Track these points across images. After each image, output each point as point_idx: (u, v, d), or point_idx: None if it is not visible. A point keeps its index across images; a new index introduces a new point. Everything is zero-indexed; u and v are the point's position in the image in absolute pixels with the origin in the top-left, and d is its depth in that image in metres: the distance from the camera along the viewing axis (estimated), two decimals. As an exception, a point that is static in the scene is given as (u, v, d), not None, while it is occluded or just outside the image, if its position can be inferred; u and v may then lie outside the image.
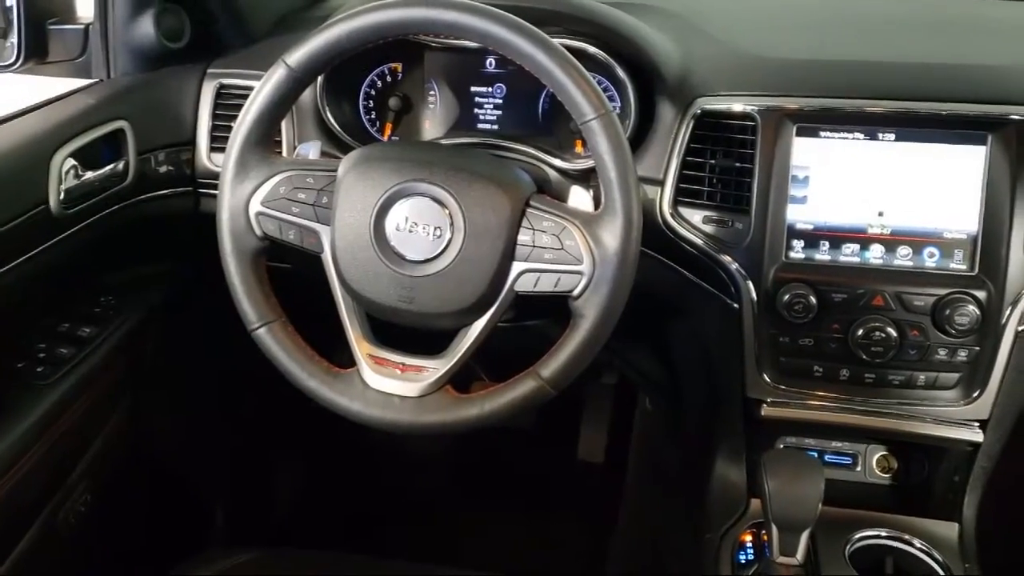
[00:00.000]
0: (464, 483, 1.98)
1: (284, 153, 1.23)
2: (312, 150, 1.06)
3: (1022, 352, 1.09)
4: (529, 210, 0.95)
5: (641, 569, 1.54)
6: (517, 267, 0.94)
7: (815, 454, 1.26)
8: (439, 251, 0.94)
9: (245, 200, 0.98)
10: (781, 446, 1.25)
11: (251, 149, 0.98)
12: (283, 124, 1.24)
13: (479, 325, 0.96)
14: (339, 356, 1.00)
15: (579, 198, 1.02)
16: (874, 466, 1.25)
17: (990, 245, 1.07)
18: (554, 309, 0.98)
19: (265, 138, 0.98)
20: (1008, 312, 1.07)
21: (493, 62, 1.26)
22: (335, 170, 0.98)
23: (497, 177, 0.96)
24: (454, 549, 1.81)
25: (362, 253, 0.95)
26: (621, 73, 1.17)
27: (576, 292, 0.93)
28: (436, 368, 0.97)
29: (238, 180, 0.98)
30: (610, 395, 1.98)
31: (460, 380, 0.99)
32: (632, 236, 0.92)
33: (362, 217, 0.95)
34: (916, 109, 1.08)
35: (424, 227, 0.94)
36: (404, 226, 0.95)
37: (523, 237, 0.94)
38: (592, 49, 1.16)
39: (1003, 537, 1.25)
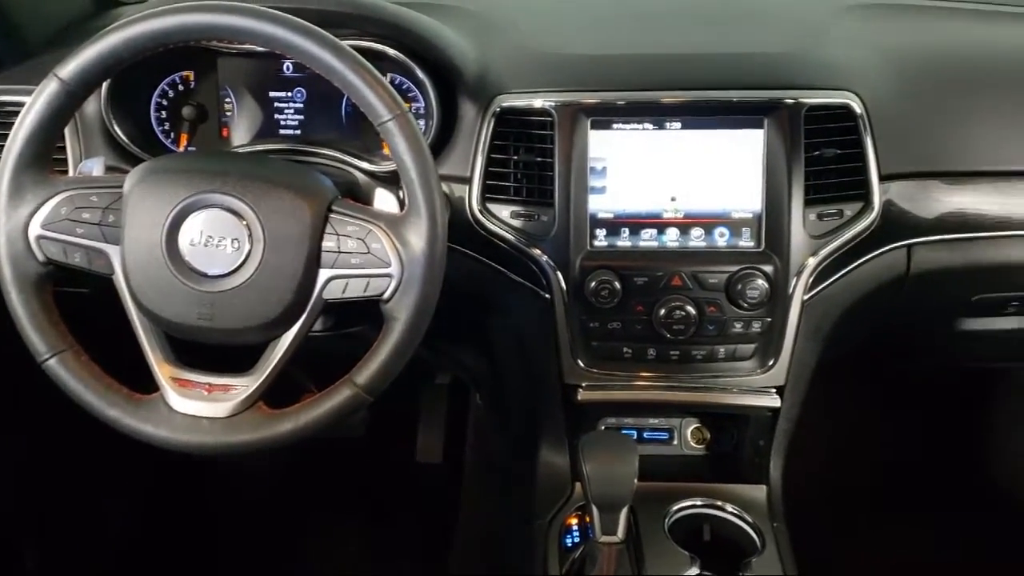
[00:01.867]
0: (300, 497, 1.93)
1: (70, 171, 1.17)
2: (96, 166, 1.00)
3: (809, 320, 1.17)
4: (332, 215, 0.93)
5: (481, 565, 1.56)
6: (324, 274, 0.93)
7: (634, 433, 1.31)
8: (239, 264, 0.91)
9: (23, 224, 0.92)
10: (602, 428, 1.30)
11: (25, 170, 0.92)
12: (67, 140, 1.17)
13: (288, 337, 0.94)
14: (146, 382, 0.96)
15: (384, 200, 1.02)
16: (689, 439, 1.32)
17: (773, 222, 1.14)
18: (374, 314, 0.97)
19: (40, 157, 0.92)
20: (793, 283, 1.14)
21: (291, 66, 1.23)
22: (121, 186, 0.93)
23: (296, 183, 0.94)
24: (294, 565, 1.76)
25: (155, 271, 0.91)
26: (420, 73, 1.17)
27: (386, 295, 0.93)
28: (245, 385, 0.94)
29: (13, 204, 0.91)
30: (444, 395, 1.99)
31: (281, 395, 0.97)
32: (438, 235, 0.93)
33: (152, 233, 0.91)
34: (697, 98, 1.14)
35: (221, 240, 0.91)
36: (199, 240, 0.92)
37: (328, 243, 0.93)
38: (390, 50, 1.16)
39: (805, 493, 1.35)
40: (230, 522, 1.87)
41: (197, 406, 0.93)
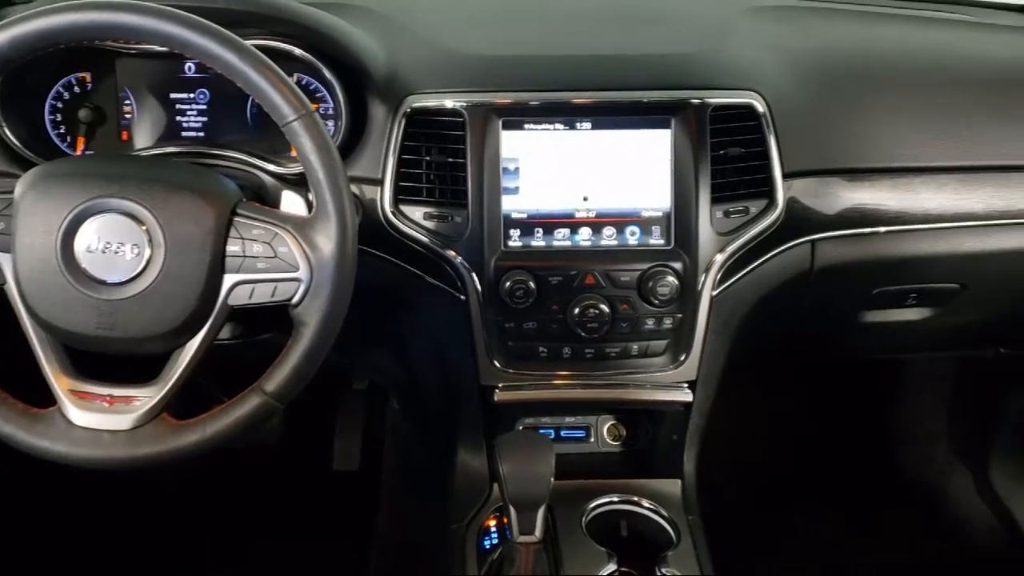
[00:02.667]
0: (213, 512, 1.88)
1: None
2: None
3: (718, 315, 1.20)
4: (236, 219, 0.91)
5: (399, 572, 1.54)
6: (229, 279, 0.91)
7: (551, 432, 1.32)
8: (139, 270, 0.89)
9: None
10: (520, 428, 1.30)
11: None
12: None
13: (193, 346, 0.92)
14: (44, 395, 0.92)
15: (292, 203, 1.00)
16: (605, 436, 1.33)
17: (682, 220, 1.16)
18: (285, 319, 0.95)
19: None
20: (702, 280, 1.16)
21: (192, 67, 1.20)
22: (11, 191, 0.89)
23: (198, 186, 0.92)
24: None
25: (50, 280, 0.88)
26: (328, 73, 1.16)
27: (295, 300, 0.91)
28: (148, 396, 0.91)
29: None
30: (361, 401, 1.96)
31: (190, 405, 0.94)
32: (348, 237, 0.91)
33: (46, 240, 0.87)
34: (606, 99, 1.15)
35: (120, 246, 0.88)
36: (97, 246, 0.88)
37: (232, 248, 0.90)
38: (296, 50, 1.14)
39: (722, 485, 1.37)
40: (133, 542, 1.80)
41: (97, 419, 0.90)
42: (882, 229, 1.24)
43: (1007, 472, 1.86)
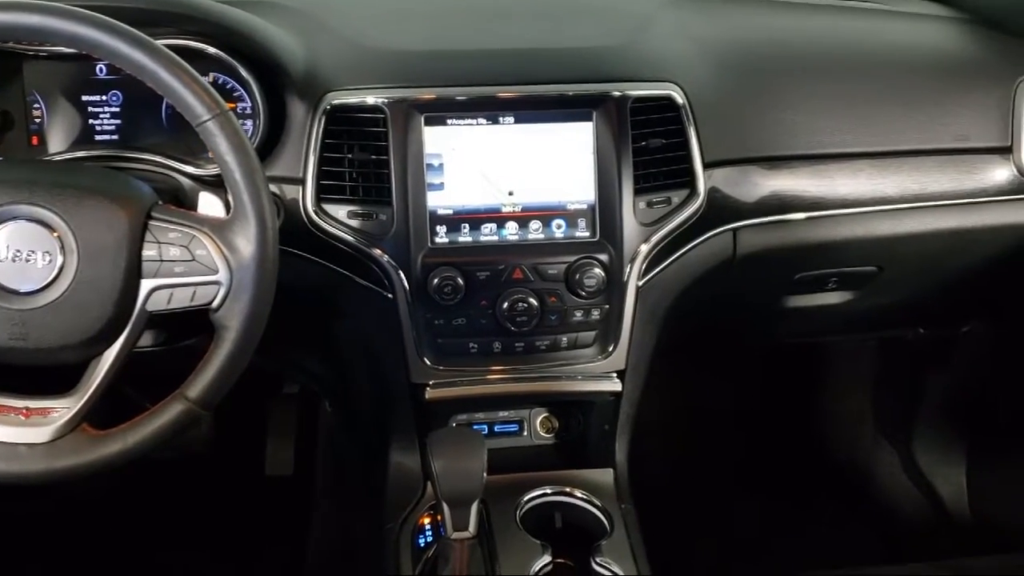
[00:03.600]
0: (144, 524, 1.83)
1: None
2: None
3: (644, 305, 1.21)
4: (152, 223, 0.89)
5: (337, 575, 1.53)
6: (146, 285, 0.88)
7: (484, 427, 1.32)
8: (51, 278, 0.86)
9: None
10: (454, 424, 1.30)
11: None
12: None
13: (111, 354, 0.89)
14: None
15: (209, 204, 0.98)
16: (538, 428, 1.33)
17: (606, 212, 1.17)
18: (209, 324, 0.93)
19: None
20: (628, 270, 1.18)
21: (104, 68, 1.17)
22: None
23: (110, 191, 0.90)
24: None
25: None
26: (244, 72, 1.14)
27: (215, 304, 0.89)
28: (67, 407, 0.88)
29: None
30: (294, 405, 1.94)
31: (115, 415, 0.92)
32: (268, 238, 0.90)
33: None
34: (527, 93, 1.16)
35: (31, 254, 0.86)
36: (6, 255, 0.86)
37: (148, 252, 0.88)
38: (211, 49, 1.12)
39: (651, 473, 1.39)
40: (60, 558, 1.75)
41: (13, 432, 0.87)
42: (801, 215, 1.27)
43: (930, 448, 1.92)
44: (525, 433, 1.33)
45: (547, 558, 1.10)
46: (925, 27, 1.49)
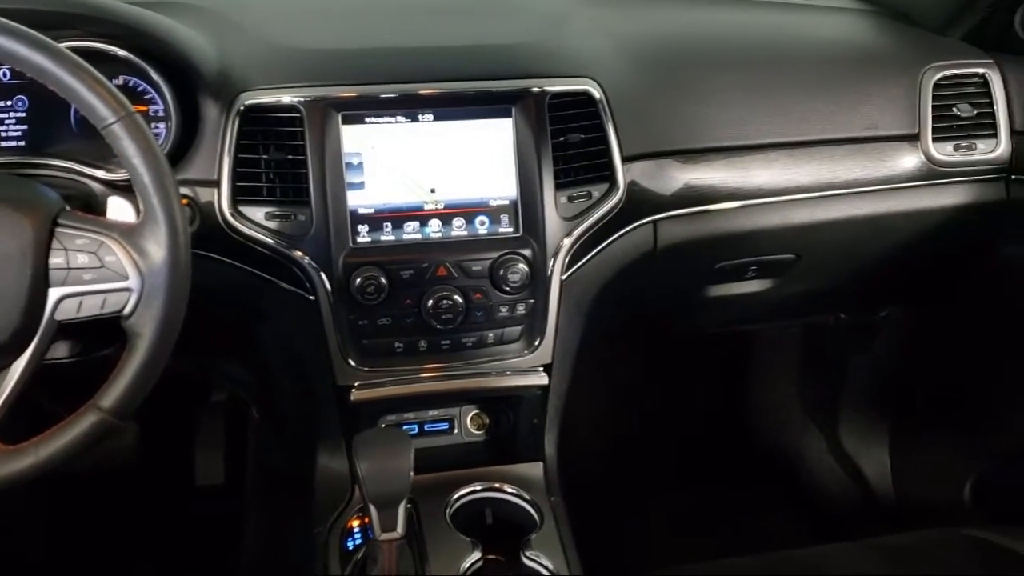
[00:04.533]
0: (70, 539, 1.78)
1: None
2: None
3: (569, 299, 1.22)
4: (58, 229, 0.87)
5: None
6: (54, 294, 0.86)
7: (415, 427, 1.31)
8: None
9: None
10: (383, 426, 1.29)
11: None
12: None
13: (19, 366, 0.87)
14: None
15: (118, 209, 0.96)
16: (469, 426, 1.33)
17: (529, 208, 1.17)
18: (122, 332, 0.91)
19: None
20: (552, 265, 1.18)
21: (8, 72, 1.13)
22: None
23: (13, 198, 0.87)
24: None
25: None
26: (154, 74, 1.11)
27: (127, 311, 0.87)
28: None
29: None
30: (222, 412, 1.90)
31: (34, 428, 0.88)
32: (179, 242, 0.88)
33: None
34: (445, 90, 1.15)
35: None
36: None
37: (56, 260, 0.86)
38: (120, 51, 1.09)
39: (582, 465, 1.40)
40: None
41: (-81, 450, 0.84)
42: (719, 206, 1.30)
43: (855, 431, 1.98)
44: (456, 431, 1.33)
45: (477, 555, 1.10)
46: (836, 20, 1.53)
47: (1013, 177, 1.40)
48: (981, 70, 1.40)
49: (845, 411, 1.98)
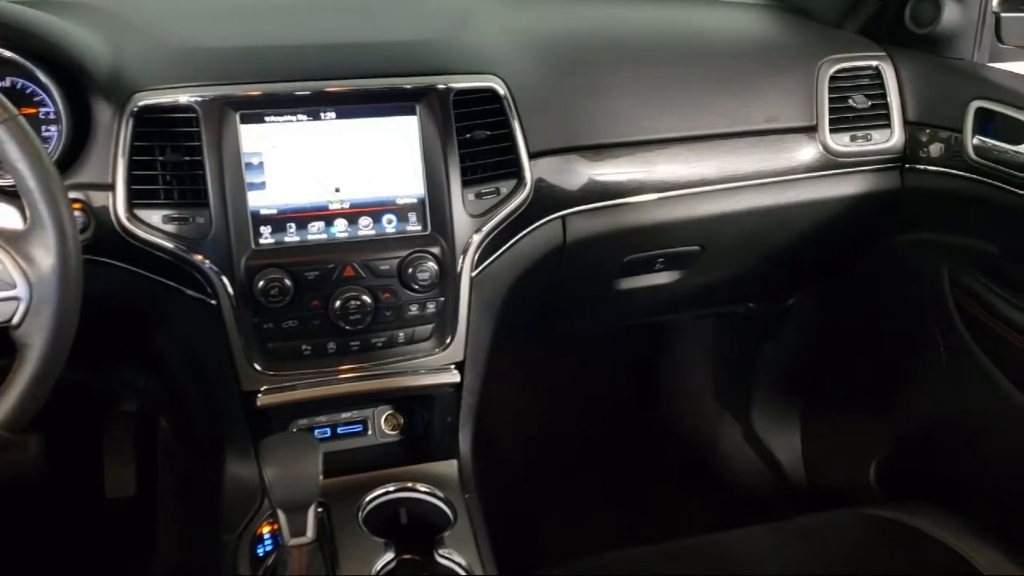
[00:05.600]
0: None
1: None
2: None
3: (480, 295, 1.22)
4: None
5: None
6: None
7: (328, 430, 1.29)
8: None
9: None
10: (295, 430, 1.27)
11: None
12: None
13: None
14: None
15: (4, 215, 0.92)
16: (383, 427, 1.32)
17: (436, 205, 1.16)
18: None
19: None
20: (461, 262, 1.18)
21: None
22: None
23: None
24: None
25: None
26: (43, 75, 1.07)
27: (15, 320, 0.85)
28: None
29: None
30: (131, 422, 1.84)
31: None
32: (69, 248, 0.85)
33: None
34: (347, 87, 1.14)
35: None
36: None
37: None
38: (6, 52, 1.05)
39: (500, 459, 1.40)
40: None
41: None
42: (626, 200, 1.31)
43: (767, 417, 2.03)
44: (370, 433, 1.31)
45: (390, 555, 1.09)
46: (737, 15, 1.57)
47: (907, 166, 1.45)
48: (874, 62, 1.45)
49: (758, 398, 2.03)
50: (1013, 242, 1.38)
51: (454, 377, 1.22)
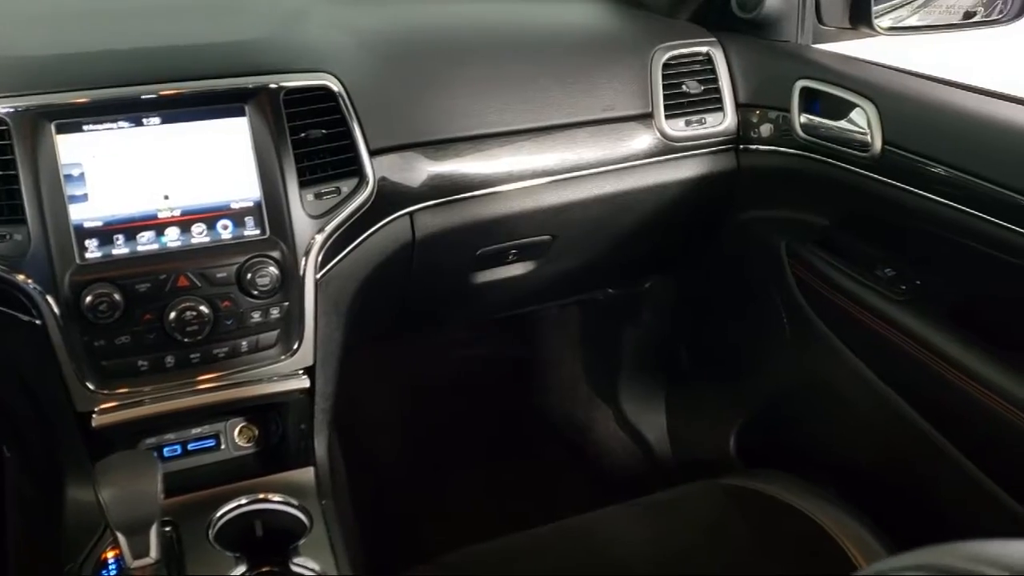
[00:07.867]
0: None
1: None
2: None
3: (326, 298, 1.20)
4: None
5: None
6: None
7: (178, 447, 1.25)
8: None
9: None
10: (143, 450, 1.21)
11: None
12: None
13: None
14: None
15: None
16: (237, 439, 1.28)
17: (274, 208, 1.13)
18: None
19: None
20: (304, 264, 1.15)
21: None
22: None
23: None
24: None
25: None
26: None
27: None
28: None
29: None
30: None
31: None
32: None
33: None
34: (168, 91, 1.10)
35: None
36: None
37: None
38: None
39: (365, 464, 1.38)
40: None
41: None
42: (472, 194, 1.32)
43: (634, 398, 2.07)
44: (224, 446, 1.27)
45: (242, 568, 1.06)
46: (572, 8, 1.59)
47: (741, 147, 1.51)
48: (705, 49, 1.49)
49: (624, 380, 2.08)
50: (841, 213, 1.45)
51: (304, 383, 1.19)
